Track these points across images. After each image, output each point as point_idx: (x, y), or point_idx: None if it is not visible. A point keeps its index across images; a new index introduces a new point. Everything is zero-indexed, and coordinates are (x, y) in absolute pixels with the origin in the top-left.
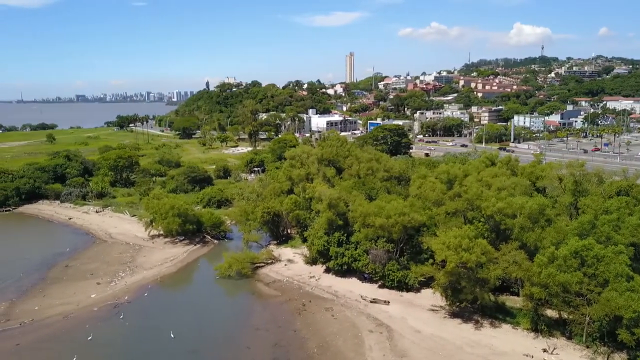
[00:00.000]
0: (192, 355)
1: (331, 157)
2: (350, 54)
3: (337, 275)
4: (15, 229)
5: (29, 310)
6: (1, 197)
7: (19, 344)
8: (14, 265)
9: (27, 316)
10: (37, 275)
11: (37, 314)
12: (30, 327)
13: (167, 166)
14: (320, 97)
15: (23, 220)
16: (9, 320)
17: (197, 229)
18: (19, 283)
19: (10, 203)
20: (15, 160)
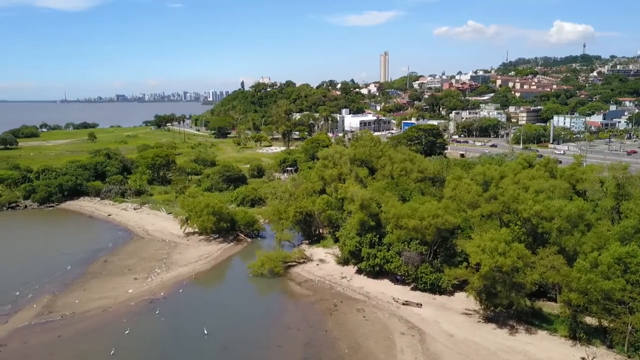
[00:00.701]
0: (224, 352)
1: (364, 157)
2: (384, 53)
3: (369, 277)
4: (58, 225)
5: (70, 303)
6: (45, 193)
7: (60, 335)
8: (57, 259)
9: (68, 309)
10: (78, 269)
11: (77, 307)
12: (71, 319)
13: (202, 165)
14: (354, 97)
15: (65, 216)
16: (51, 313)
17: (231, 227)
18: (61, 277)
19: (54, 199)
20: (58, 158)
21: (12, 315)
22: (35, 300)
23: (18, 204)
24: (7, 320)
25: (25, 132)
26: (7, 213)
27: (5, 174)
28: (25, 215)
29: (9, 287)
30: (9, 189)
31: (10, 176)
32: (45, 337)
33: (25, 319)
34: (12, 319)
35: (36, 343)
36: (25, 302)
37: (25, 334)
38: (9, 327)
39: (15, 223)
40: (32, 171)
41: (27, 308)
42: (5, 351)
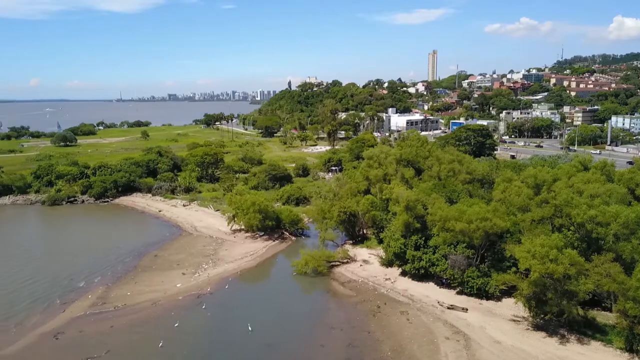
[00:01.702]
0: (268, 349)
1: (410, 158)
2: (433, 51)
3: (413, 279)
4: (112, 219)
5: (122, 295)
6: (101, 189)
7: (113, 326)
8: (111, 252)
9: (121, 301)
10: (130, 263)
11: (129, 299)
12: (122, 311)
13: (249, 163)
14: (401, 96)
15: (119, 211)
16: (105, 304)
17: (276, 225)
18: (114, 269)
19: (109, 195)
20: (113, 155)
21: (70, 304)
22: (91, 291)
23: (76, 198)
24: (64, 310)
25: (84, 130)
26: (66, 207)
27: (65, 170)
28: (83, 210)
29: (68, 278)
30: (68, 184)
31: (70, 172)
32: (99, 326)
33: (81, 309)
34: (69, 308)
35: (91, 332)
36: (81, 292)
37: (81, 323)
38: (66, 315)
39: (73, 216)
40: (89, 167)
41: (83, 298)
42: (62, 339)
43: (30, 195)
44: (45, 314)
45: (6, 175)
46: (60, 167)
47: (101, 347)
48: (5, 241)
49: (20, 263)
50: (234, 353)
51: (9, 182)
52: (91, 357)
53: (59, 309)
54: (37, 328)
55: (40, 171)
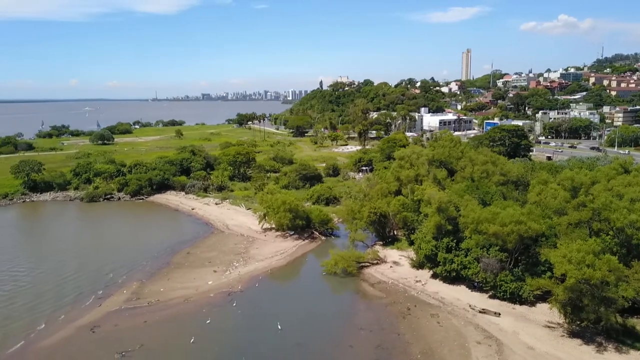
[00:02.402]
0: (297, 348)
1: (443, 158)
2: (467, 50)
3: (444, 282)
4: (147, 216)
5: (155, 291)
6: (137, 186)
7: (146, 321)
8: (145, 249)
9: (154, 296)
10: (163, 259)
11: (162, 295)
12: (156, 306)
13: (280, 163)
14: (434, 96)
15: (153, 208)
16: (139, 299)
17: (306, 225)
18: (148, 266)
19: (144, 192)
20: (148, 154)
21: (105, 299)
22: (125, 286)
23: (113, 195)
24: (100, 304)
25: (120, 129)
26: (103, 204)
27: (102, 168)
28: (119, 207)
29: (104, 273)
30: (105, 181)
31: (107, 170)
32: (133, 321)
33: (116, 304)
34: (105, 303)
35: (125, 326)
36: (116, 287)
37: (116, 317)
38: (102, 310)
39: (110, 213)
40: (126, 165)
41: (118, 293)
42: (98, 332)
43: (70, 192)
44: (83, 308)
45: (47, 173)
46: (98, 165)
47: (135, 341)
48: (46, 236)
49: (60, 258)
50: (264, 351)
51: (50, 179)
52: (125, 351)
53: (96, 303)
54: (75, 321)
55: (79, 169)
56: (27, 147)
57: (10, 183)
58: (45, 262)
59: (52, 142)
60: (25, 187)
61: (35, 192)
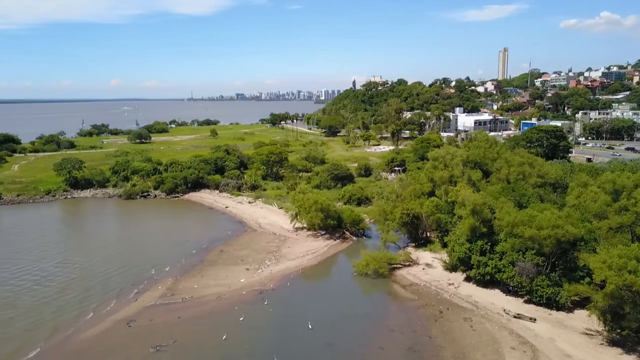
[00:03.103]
0: (327, 348)
1: (478, 159)
2: (504, 49)
3: (478, 285)
4: (182, 214)
5: (189, 288)
6: (172, 184)
7: (180, 317)
8: (180, 246)
9: (188, 293)
10: (198, 256)
11: (195, 292)
12: (189, 303)
13: (312, 162)
14: (469, 95)
15: (188, 206)
16: (173, 295)
17: (337, 225)
18: (183, 263)
19: (179, 190)
20: (184, 153)
21: (141, 294)
22: (161, 282)
23: (149, 193)
24: (137, 299)
25: (157, 128)
26: (140, 201)
27: (140, 166)
28: (155, 204)
29: (140, 268)
30: (142, 179)
31: (144, 168)
32: (167, 317)
33: (151, 299)
34: (141, 298)
35: (160, 321)
36: (152, 283)
37: (151, 312)
38: (139, 304)
39: (146, 211)
40: (162, 164)
41: (153, 289)
42: (134, 326)
43: (109, 189)
44: (120, 302)
45: (87, 170)
46: (136, 163)
47: (169, 336)
48: (86, 232)
49: (100, 253)
50: (295, 350)
51: (90, 176)
52: (160, 346)
53: (132, 298)
54: (113, 315)
55: (118, 167)
56: (69, 146)
57: (53, 180)
58: (86, 257)
59: (92, 141)
60: (67, 184)
61: (76, 188)
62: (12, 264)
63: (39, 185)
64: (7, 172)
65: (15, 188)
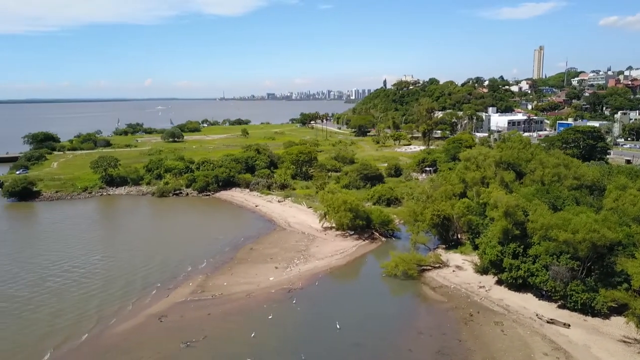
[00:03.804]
0: (355, 348)
1: (511, 160)
2: (539, 47)
3: (509, 289)
4: (213, 212)
5: (219, 285)
6: (204, 183)
7: (210, 313)
8: (211, 243)
9: (218, 290)
10: (228, 254)
11: (225, 289)
12: (219, 300)
13: (342, 162)
14: (502, 95)
15: (219, 204)
16: (203, 292)
17: (366, 225)
18: (213, 260)
19: (210, 189)
20: (215, 152)
21: (173, 290)
22: (192, 278)
23: (181, 191)
24: (168, 295)
25: (190, 127)
26: (172, 199)
27: (172, 165)
28: (187, 202)
29: (172, 265)
30: (174, 177)
31: (177, 166)
32: (197, 313)
33: (182, 295)
34: (172, 294)
35: (190, 318)
36: (183, 279)
37: (182, 308)
38: (170, 300)
39: (179, 208)
40: (194, 163)
41: (184, 285)
42: (166, 321)
43: (142, 186)
44: (152, 298)
45: (122, 168)
46: (169, 161)
47: (199, 332)
48: (122, 228)
49: (133, 249)
50: (322, 349)
51: (124, 174)
52: (190, 341)
53: (164, 293)
54: (145, 310)
55: (151, 165)
56: (105, 144)
57: (89, 177)
58: (121, 252)
59: (127, 139)
60: (103, 182)
61: (111, 186)
62: (45, 259)
63: (77, 182)
64: (46, 170)
65: (54, 185)
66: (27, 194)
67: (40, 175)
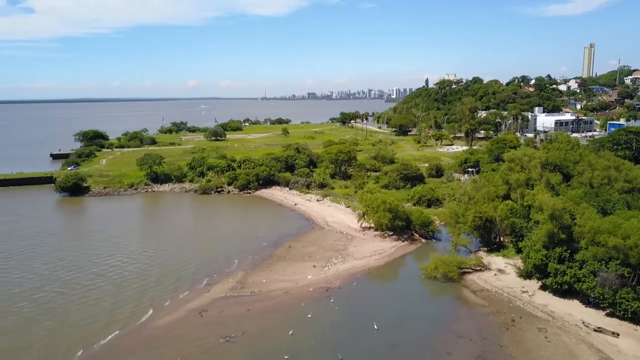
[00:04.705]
0: (392, 350)
1: (558, 162)
2: (590, 45)
3: (554, 295)
4: (253, 210)
5: (258, 281)
6: (245, 181)
7: (249, 310)
8: (251, 240)
9: (257, 287)
10: (267, 251)
11: (264, 286)
12: (258, 296)
13: (381, 162)
14: (549, 94)
15: (259, 202)
16: (243, 288)
17: (405, 226)
18: (253, 257)
19: (251, 187)
20: (256, 150)
21: (213, 286)
22: (232, 275)
23: (223, 188)
24: (209, 290)
25: (232, 126)
26: (214, 196)
27: (215, 163)
28: (228, 199)
29: (213, 261)
30: (217, 175)
31: (219, 165)
32: (237, 309)
33: (222, 291)
34: (212, 289)
35: (230, 313)
36: (223, 275)
37: (222, 304)
38: (210, 296)
39: (220, 205)
40: (235, 161)
41: (224, 281)
42: (206, 316)
43: (185, 184)
44: (194, 292)
45: (167, 165)
46: (211, 159)
47: (238, 328)
48: (165, 224)
49: (176, 244)
50: (359, 349)
51: (169, 171)
52: (229, 336)
53: (205, 289)
54: (186, 304)
55: (194, 163)
56: (151, 142)
57: (136, 174)
58: (164, 247)
59: (171, 138)
60: (148, 178)
61: (156, 183)
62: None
63: (123, 179)
64: (95, 166)
65: (103, 181)
66: (77, 190)
67: (90, 172)
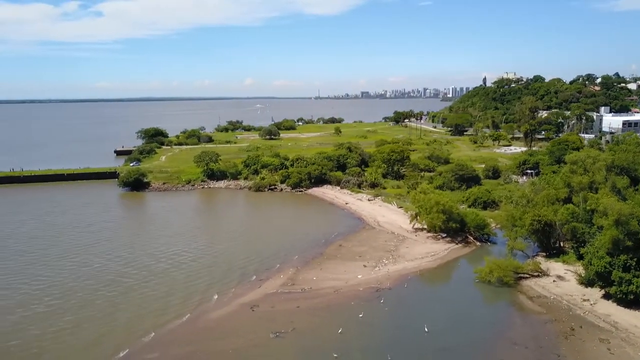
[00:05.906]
0: (443, 354)
1: (625, 164)
2: None
3: (619, 304)
4: (304, 208)
5: (308, 279)
6: (297, 179)
7: (299, 306)
8: (302, 238)
9: (307, 284)
10: (318, 249)
11: (314, 283)
12: (308, 294)
13: (436, 162)
14: (617, 93)
15: (311, 200)
16: (294, 285)
17: (460, 228)
18: (303, 254)
19: (303, 185)
20: (309, 149)
21: (265, 281)
22: (283, 271)
23: (276, 186)
24: (261, 285)
25: (286, 125)
26: (267, 193)
27: (269, 161)
28: (281, 197)
29: (265, 257)
30: (270, 173)
31: (272, 163)
32: (287, 305)
33: (274, 287)
34: (264, 285)
35: (280, 309)
36: (275, 271)
37: (273, 299)
38: (262, 291)
39: (273, 202)
40: (288, 159)
41: (275, 277)
42: (257, 311)
43: (240, 181)
44: (246, 287)
45: (222, 163)
46: (265, 158)
47: (288, 324)
48: (221, 220)
49: (231, 239)
50: (409, 351)
51: (224, 169)
52: (279, 332)
53: (256, 284)
54: (238, 298)
55: (249, 161)
56: (208, 140)
57: (193, 171)
58: (220, 242)
59: (227, 136)
60: (205, 175)
61: (212, 179)
62: (162, 243)
63: (181, 175)
64: (156, 162)
65: (162, 177)
66: (138, 185)
67: (150, 168)
